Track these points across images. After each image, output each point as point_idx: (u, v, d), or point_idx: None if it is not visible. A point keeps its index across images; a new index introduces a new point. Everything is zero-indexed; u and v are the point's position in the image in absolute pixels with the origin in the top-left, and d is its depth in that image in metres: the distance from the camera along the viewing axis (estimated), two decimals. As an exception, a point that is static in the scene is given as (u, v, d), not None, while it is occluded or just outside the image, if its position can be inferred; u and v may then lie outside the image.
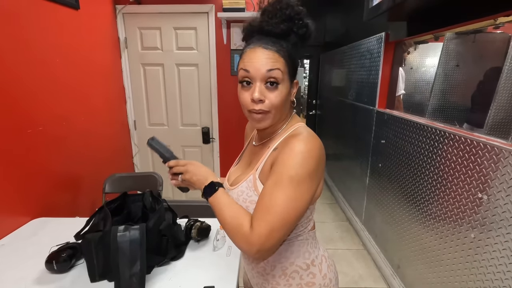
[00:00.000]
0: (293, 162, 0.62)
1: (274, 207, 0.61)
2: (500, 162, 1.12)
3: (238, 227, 0.63)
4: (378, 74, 2.23)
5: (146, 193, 1.22)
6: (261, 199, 0.64)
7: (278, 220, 0.61)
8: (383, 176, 2.13)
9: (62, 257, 1.03)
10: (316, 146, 0.65)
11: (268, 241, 0.60)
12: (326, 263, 0.81)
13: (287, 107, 0.72)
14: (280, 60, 0.66)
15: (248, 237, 0.61)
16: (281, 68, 0.65)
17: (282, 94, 0.67)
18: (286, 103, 0.70)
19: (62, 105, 1.68)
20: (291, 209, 0.61)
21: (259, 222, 0.61)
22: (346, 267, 2.24)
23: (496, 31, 2.08)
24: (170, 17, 2.42)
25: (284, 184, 0.61)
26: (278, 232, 0.61)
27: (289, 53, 0.68)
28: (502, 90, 1.61)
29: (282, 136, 0.72)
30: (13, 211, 1.34)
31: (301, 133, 0.67)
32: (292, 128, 0.72)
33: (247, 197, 0.71)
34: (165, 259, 1.09)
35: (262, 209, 0.62)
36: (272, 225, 0.60)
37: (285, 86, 0.67)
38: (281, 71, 0.65)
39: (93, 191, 1.92)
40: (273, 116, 0.68)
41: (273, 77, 0.65)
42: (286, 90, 0.68)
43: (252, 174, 0.73)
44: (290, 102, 0.73)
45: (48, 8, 1.58)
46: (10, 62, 1.32)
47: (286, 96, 0.68)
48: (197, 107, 2.65)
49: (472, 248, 1.27)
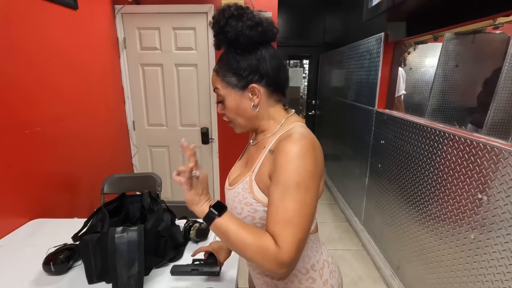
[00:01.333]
0: (294, 168, 0.61)
1: (293, 218, 0.59)
2: (500, 162, 1.11)
3: (264, 250, 0.59)
4: (377, 75, 2.22)
5: (145, 194, 1.22)
6: (274, 213, 0.61)
7: (301, 230, 0.60)
8: (383, 176, 2.12)
9: (59, 258, 1.02)
10: (310, 144, 0.64)
11: (296, 255, 0.59)
12: (329, 268, 0.79)
13: (252, 112, 0.72)
14: (217, 79, 0.73)
15: (278, 257, 0.58)
16: (218, 86, 0.72)
17: (230, 106, 0.72)
18: (245, 110, 0.72)
19: (60, 105, 1.68)
20: (306, 216, 0.61)
21: (284, 237, 0.58)
22: (345, 267, 2.23)
23: (495, 31, 2.08)
24: (169, 17, 2.41)
25: (293, 192, 0.60)
26: (303, 241, 0.61)
27: (229, 64, 0.70)
28: (502, 90, 1.61)
29: (277, 135, 0.71)
30: (11, 212, 1.34)
31: (293, 134, 0.66)
32: (287, 128, 0.71)
33: (243, 198, 0.71)
34: (164, 261, 1.08)
35: (280, 222, 0.60)
36: (298, 237, 0.59)
37: (232, 98, 0.72)
38: (219, 88, 0.72)
39: (92, 192, 1.91)
40: (239, 124, 0.75)
41: (217, 94, 0.74)
42: (235, 101, 0.72)
43: (248, 175, 0.72)
44: (254, 107, 0.71)
45: (46, 8, 1.58)
46: (7, 62, 1.32)
47: (236, 106, 0.72)
48: (196, 108, 2.64)
49: (471, 249, 1.27)
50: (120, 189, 1.75)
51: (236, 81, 0.70)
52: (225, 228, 0.62)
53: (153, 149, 2.76)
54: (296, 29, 4.42)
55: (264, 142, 0.74)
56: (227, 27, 0.66)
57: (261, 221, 0.70)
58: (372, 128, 2.31)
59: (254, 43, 0.68)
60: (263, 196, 0.68)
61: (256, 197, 0.69)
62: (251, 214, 0.70)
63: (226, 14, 0.66)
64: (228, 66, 0.70)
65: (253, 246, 0.60)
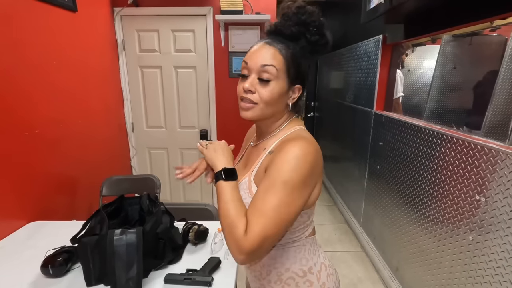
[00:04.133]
0: (288, 167, 0.62)
1: (268, 212, 0.60)
2: (497, 164, 1.12)
3: (233, 228, 0.61)
4: (375, 76, 2.23)
5: (143, 196, 1.22)
6: (253, 202, 0.63)
7: (272, 226, 0.60)
8: (381, 178, 2.13)
9: (58, 261, 1.02)
10: (311, 151, 0.64)
11: (259, 246, 0.59)
12: (326, 271, 0.78)
13: (280, 107, 0.72)
14: (279, 57, 0.67)
15: (240, 241, 0.59)
16: (276, 66, 0.66)
17: (273, 91, 0.67)
18: (278, 102, 0.70)
19: (59, 107, 1.68)
20: (283, 214, 0.61)
21: (252, 226, 0.59)
22: (344, 269, 2.23)
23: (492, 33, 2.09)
24: (168, 19, 2.42)
25: (278, 189, 0.61)
26: (270, 237, 0.60)
27: (294, 54, 0.69)
28: (499, 92, 1.61)
29: (278, 137, 0.72)
30: (9, 214, 1.33)
31: (297, 137, 0.67)
32: (290, 131, 0.72)
33: (242, 199, 0.71)
34: (162, 263, 1.08)
35: (254, 212, 0.61)
36: (266, 231, 0.59)
37: (279, 85, 0.68)
38: (276, 69, 0.66)
39: (90, 194, 1.91)
40: (261, 109, 0.69)
41: (266, 71, 0.67)
42: (280, 89, 0.68)
43: (247, 176, 0.73)
44: (285, 103, 0.73)
45: (46, 10, 1.58)
46: (7, 65, 1.32)
47: (278, 94, 0.69)
48: (195, 109, 2.64)
49: (470, 250, 1.27)
50: (119, 191, 1.75)
51: (294, 73, 0.70)
52: (224, 191, 0.67)
53: (152, 151, 2.76)
54: (295, 31, 4.42)
55: (264, 144, 0.75)
56: (323, 29, 0.69)
57: None
58: (371, 130, 2.31)
59: (316, 54, 0.72)
60: None
61: None
62: None
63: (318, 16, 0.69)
64: (295, 58, 0.69)
65: (228, 219, 0.63)
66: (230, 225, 0.62)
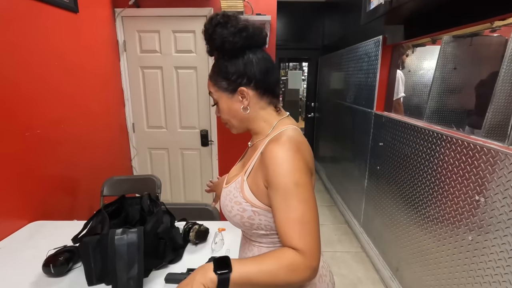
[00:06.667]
0: (286, 169, 0.63)
1: (304, 216, 0.62)
2: (497, 164, 1.12)
3: (292, 265, 0.59)
4: (375, 77, 2.24)
5: (144, 196, 1.22)
6: (284, 215, 0.63)
7: (314, 225, 0.62)
8: (381, 178, 2.13)
9: (59, 260, 1.02)
10: (295, 145, 0.66)
11: (319, 250, 0.62)
12: (318, 273, 0.77)
13: (245, 115, 0.75)
14: (210, 84, 0.78)
15: (307, 264, 0.59)
16: (211, 90, 0.78)
17: (223, 108, 0.77)
18: (236, 113, 0.75)
19: (60, 108, 1.68)
20: (312, 211, 0.64)
21: (303, 239, 0.60)
22: (344, 269, 2.23)
23: (492, 34, 2.09)
24: (168, 20, 2.43)
25: (293, 193, 0.63)
26: (317, 235, 0.63)
27: (219, 69, 0.74)
28: (499, 93, 1.62)
29: (269, 138, 0.73)
30: (10, 214, 1.34)
31: (280, 137, 0.68)
32: (279, 131, 0.72)
33: (233, 197, 0.73)
34: (163, 263, 1.08)
35: (294, 225, 0.61)
36: (315, 235, 0.62)
37: (222, 101, 0.76)
38: (213, 92, 0.77)
39: (91, 194, 1.91)
40: (233, 125, 0.78)
41: (212, 98, 0.78)
42: (227, 104, 0.75)
43: (240, 175, 0.75)
44: (256, 108, 0.75)
45: (47, 11, 1.59)
46: (8, 65, 1.32)
47: (228, 109, 0.76)
48: (195, 110, 2.65)
49: (469, 250, 1.28)
50: (119, 191, 1.75)
51: (226, 85, 0.74)
52: (245, 276, 0.59)
53: (152, 152, 2.77)
54: (295, 32, 4.44)
55: (258, 144, 0.76)
56: (214, 34, 0.70)
57: (249, 220, 0.72)
58: (371, 130, 2.32)
59: (240, 48, 0.71)
60: (252, 197, 0.70)
61: (245, 196, 0.71)
62: (239, 213, 0.72)
63: (213, 22, 0.70)
64: (218, 71, 0.75)
65: (281, 270, 0.59)
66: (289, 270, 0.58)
